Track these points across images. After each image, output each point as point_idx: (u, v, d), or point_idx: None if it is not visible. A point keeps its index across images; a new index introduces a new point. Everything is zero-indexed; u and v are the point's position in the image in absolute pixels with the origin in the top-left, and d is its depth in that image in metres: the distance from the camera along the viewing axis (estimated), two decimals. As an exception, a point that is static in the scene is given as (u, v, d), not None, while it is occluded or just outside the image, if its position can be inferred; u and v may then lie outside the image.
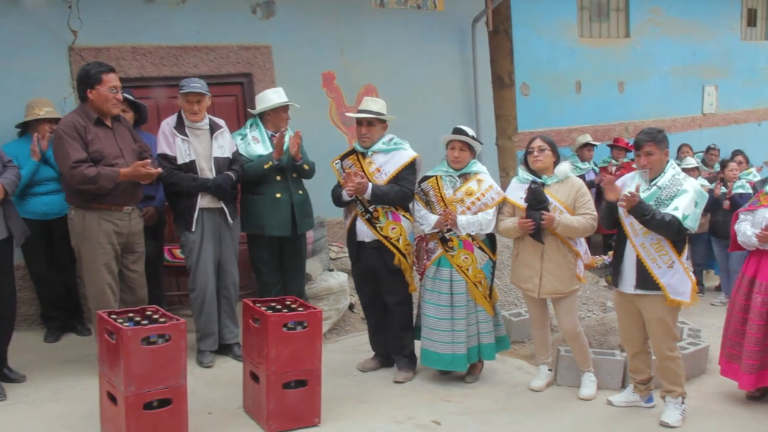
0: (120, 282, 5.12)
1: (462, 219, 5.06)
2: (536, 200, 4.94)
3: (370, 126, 5.22)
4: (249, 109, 6.13)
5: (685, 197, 4.55)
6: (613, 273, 4.90)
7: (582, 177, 8.45)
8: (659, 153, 4.63)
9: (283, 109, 5.56)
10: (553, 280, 5.01)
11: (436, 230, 5.15)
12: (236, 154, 5.47)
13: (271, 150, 5.47)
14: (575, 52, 10.51)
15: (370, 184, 5.13)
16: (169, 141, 5.27)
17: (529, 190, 4.97)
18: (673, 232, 4.52)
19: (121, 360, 3.90)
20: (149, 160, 4.90)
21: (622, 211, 4.71)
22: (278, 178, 5.47)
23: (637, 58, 11.37)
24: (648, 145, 4.62)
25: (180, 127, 5.29)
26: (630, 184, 4.74)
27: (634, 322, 4.81)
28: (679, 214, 4.50)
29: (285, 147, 5.46)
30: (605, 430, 4.63)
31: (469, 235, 5.10)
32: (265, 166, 5.41)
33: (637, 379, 4.94)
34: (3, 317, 4.88)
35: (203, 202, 5.30)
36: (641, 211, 4.50)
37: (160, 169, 4.99)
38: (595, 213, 5.04)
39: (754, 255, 5.08)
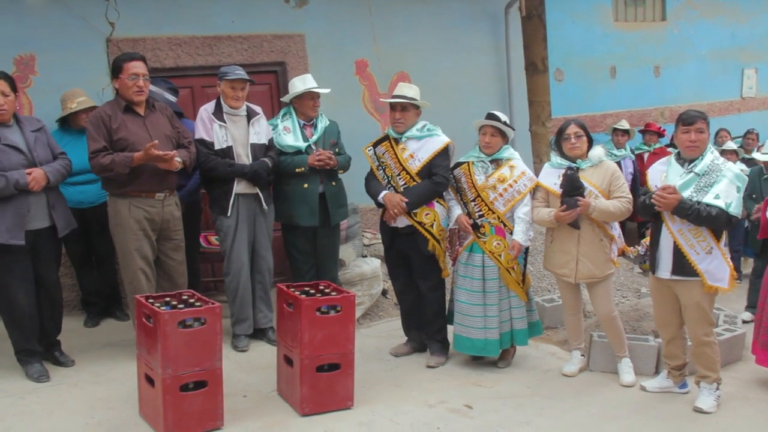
0: (158, 269, 5.23)
1: (520, 236, 5.05)
2: (573, 187, 4.90)
3: (404, 111, 5.24)
4: (281, 99, 6.19)
5: (724, 183, 4.46)
6: (650, 259, 4.85)
7: (618, 164, 8.38)
8: (708, 132, 4.57)
9: (310, 96, 5.55)
10: (589, 264, 4.99)
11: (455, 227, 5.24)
12: (272, 141, 5.54)
13: (301, 140, 5.53)
14: (610, 36, 10.36)
15: (405, 201, 5.14)
16: (206, 127, 5.35)
17: (566, 176, 4.94)
18: (722, 223, 4.46)
19: (158, 343, 4.00)
20: (157, 142, 4.89)
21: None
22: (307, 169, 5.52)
23: (673, 41, 11.17)
24: (700, 122, 4.53)
25: (218, 113, 5.36)
26: (664, 170, 4.69)
27: (670, 307, 4.77)
28: (721, 203, 4.42)
29: (318, 136, 5.55)
30: (638, 415, 4.61)
31: (501, 220, 5.11)
32: (297, 170, 5.48)
33: (671, 364, 4.90)
34: (48, 304, 5.02)
35: (239, 187, 5.37)
36: (684, 210, 4.44)
37: (174, 153, 4.93)
38: (630, 196, 5.00)
39: None
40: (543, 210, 5.07)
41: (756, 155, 6.10)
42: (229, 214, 5.37)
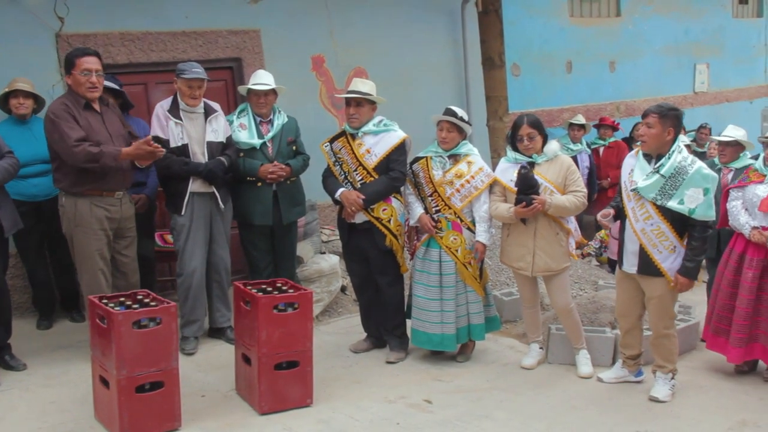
0: (112, 268, 5.13)
1: (483, 236, 5.11)
2: (527, 185, 4.90)
3: (359, 106, 5.21)
4: (238, 89, 6.12)
5: (689, 188, 4.45)
6: (617, 253, 4.89)
7: (574, 159, 8.46)
8: (660, 128, 4.47)
9: (254, 92, 5.48)
10: (545, 257, 5.03)
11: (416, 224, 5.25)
12: (230, 139, 5.46)
13: (256, 137, 5.48)
14: (566, 31, 10.47)
15: (362, 198, 5.13)
16: (162, 124, 5.26)
17: (519, 175, 4.93)
18: (708, 235, 4.54)
19: (112, 344, 3.93)
20: (151, 136, 4.90)
21: (624, 195, 4.69)
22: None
23: (628, 37, 11.33)
24: (651, 116, 4.50)
25: (174, 110, 5.27)
26: (633, 164, 4.70)
27: (633, 298, 4.82)
28: (684, 208, 4.45)
29: (274, 133, 5.51)
30: (596, 406, 4.66)
31: (457, 215, 5.12)
32: (248, 178, 5.45)
33: (626, 354, 4.96)
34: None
35: (194, 186, 5.29)
36: (695, 271, 4.54)
37: (164, 150, 4.94)
38: (585, 190, 5.05)
39: None
40: (501, 206, 5.08)
41: (715, 137, 6.04)
42: (182, 213, 5.30)
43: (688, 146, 8.68)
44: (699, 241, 4.51)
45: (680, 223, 4.54)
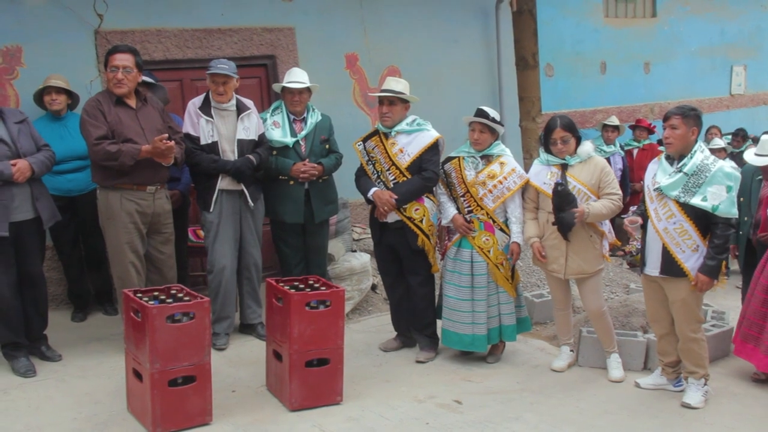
0: (148, 263, 5.19)
1: (518, 237, 5.13)
2: (565, 202, 4.86)
3: (392, 105, 5.21)
4: (273, 86, 6.14)
5: (712, 185, 4.43)
6: (640, 258, 4.86)
7: (607, 160, 8.38)
8: (685, 129, 4.48)
9: (288, 91, 5.49)
10: (578, 260, 5.00)
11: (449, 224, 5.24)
12: (263, 137, 5.48)
13: (289, 135, 5.49)
14: (600, 32, 10.38)
15: (395, 197, 5.14)
16: (193, 121, 5.31)
17: (556, 192, 4.89)
18: (732, 231, 4.50)
19: (146, 337, 3.98)
20: (166, 135, 4.90)
21: (647, 198, 4.66)
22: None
23: (663, 38, 11.19)
24: (674, 118, 4.50)
25: (206, 107, 5.31)
26: (656, 169, 4.68)
27: (661, 303, 4.77)
28: (708, 205, 4.41)
29: (308, 132, 5.53)
30: (627, 410, 4.62)
31: (490, 216, 5.10)
32: (280, 177, 5.47)
33: (664, 361, 4.89)
34: (33, 297, 4.97)
35: (223, 183, 5.32)
36: (716, 270, 4.48)
37: (172, 143, 4.90)
38: (620, 192, 5.01)
39: None
40: (529, 227, 5.12)
41: (747, 156, 5.87)
42: (211, 210, 5.33)
43: (724, 149, 8.64)
44: (721, 239, 4.46)
45: (703, 221, 4.50)
